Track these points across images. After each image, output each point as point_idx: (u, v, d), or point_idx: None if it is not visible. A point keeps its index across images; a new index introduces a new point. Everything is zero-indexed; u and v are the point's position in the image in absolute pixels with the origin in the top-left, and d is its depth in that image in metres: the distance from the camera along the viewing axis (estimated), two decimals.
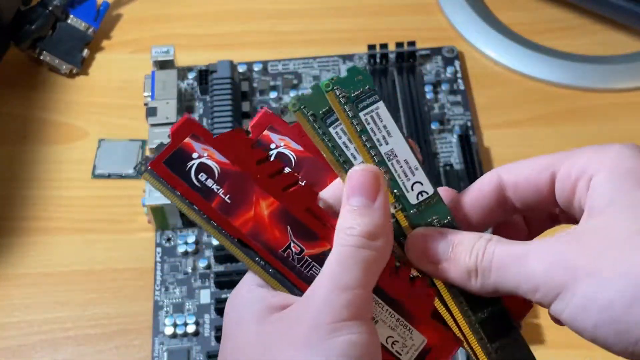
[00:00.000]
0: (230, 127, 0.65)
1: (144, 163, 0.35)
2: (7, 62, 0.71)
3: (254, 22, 0.76)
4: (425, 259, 0.35)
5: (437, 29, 0.75)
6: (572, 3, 0.75)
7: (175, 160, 0.35)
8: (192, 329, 0.57)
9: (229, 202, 0.35)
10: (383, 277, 0.34)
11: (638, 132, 0.67)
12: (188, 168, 0.35)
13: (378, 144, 0.35)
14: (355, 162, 0.35)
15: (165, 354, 0.57)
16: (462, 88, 0.70)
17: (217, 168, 0.35)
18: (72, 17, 0.71)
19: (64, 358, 0.57)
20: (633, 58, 0.72)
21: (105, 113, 0.70)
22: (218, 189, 0.35)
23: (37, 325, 0.59)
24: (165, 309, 0.59)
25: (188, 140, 0.36)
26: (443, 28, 0.75)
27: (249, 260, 0.35)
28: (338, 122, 0.35)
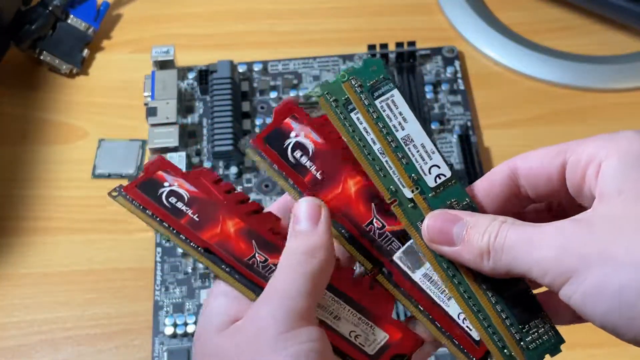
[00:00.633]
0: (231, 127, 0.65)
1: (118, 189, 0.38)
2: (7, 62, 0.71)
3: (254, 22, 0.76)
4: (440, 241, 0.35)
5: (437, 29, 0.75)
6: (572, 3, 0.75)
7: (147, 187, 0.38)
8: (192, 329, 0.57)
9: (197, 220, 0.37)
10: (345, 284, 0.37)
11: None
12: (159, 193, 0.38)
13: (394, 130, 0.36)
14: (375, 147, 0.36)
15: (165, 354, 0.57)
16: (462, 88, 0.70)
17: (186, 194, 0.38)
18: (72, 17, 0.71)
19: (64, 358, 0.57)
20: (633, 58, 0.72)
21: (105, 113, 0.70)
22: (187, 210, 0.38)
23: (37, 325, 0.59)
24: (165, 309, 0.59)
25: (160, 173, 0.38)
26: (443, 28, 0.75)
27: (216, 267, 0.37)
28: (357, 109, 0.37)
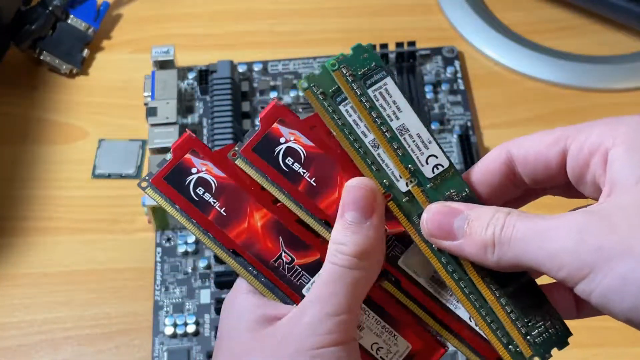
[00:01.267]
0: (231, 127, 0.65)
1: (147, 179, 0.37)
2: (7, 62, 0.71)
3: (254, 22, 0.76)
4: (441, 235, 0.34)
5: (437, 29, 0.75)
6: (572, 3, 0.75)
7: (175, 176, 0.37)
8: (192, 329, 0.57)
9: (225, 214, 0.37)
10: (371, 288, 0.35)
11: None
12: (187, 183, 0.37)
13: (389, 120, 0.35)
14: (366, 139, 0.35)
15: (165, 354, 0.57)
16: (462, 88, 0.70)
17: (214, 182, 0.37)
18: (72, 17, 0.71)
19: (64, 358, 0.57)
20: (633, 58, 0.72)
21: (105, 113, 0.70)
22: (215, 202, 0.37)
23: (37, 325, 0.59)
24: (165, 309, 0.59)
25: (188, 156, 0.37)
26: (443, 28, 0.75)
27: (243, 270, 0.36)
28: (348, 99, 0.35)
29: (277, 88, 0.70)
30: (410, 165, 0.35)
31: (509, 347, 0.34)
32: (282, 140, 0.37)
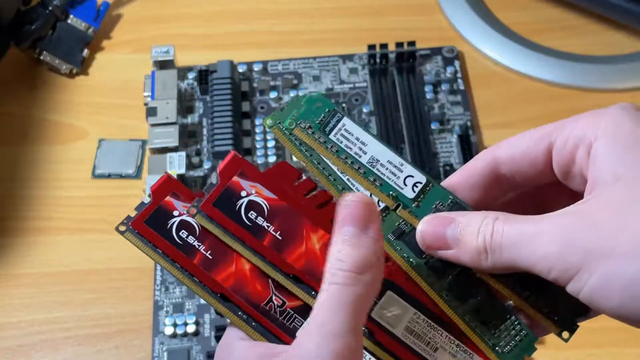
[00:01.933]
0: (230, 127, 0.65)
1: (126, 223, 0.36)
2: (7, 62, 0.71)
3: (254, 22, 0.76)
4: (437, 246, 0.34)
5: (437, 29, 0.75)
6: (572, 3, 0.75)
7: (157, 219, 0.36)
8: (192, 329, 0.57)
9: (211, 257, 0.35)
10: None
11: None
12: (169, 226, 0.36)
13: (357, 157, 0.36)
14: (345, 177, 0.36)
15: (165, 354, 0.57)
16: (462, 88, 0.70)
17: (197, 225, 0.36)
18: (72, 17, 0.71)
19: (64, 358, 0.57)
20: (633, 58, 0.72)
21: (105, 113, 0.70)
22: (199, 246, 0.36)
23: (37, 325, 0.59)
24: (165, 309, 0.59)
25: (169, 199, 0.36)
26: (443, 28, 0.75)
27: (232, 315, 0.35)
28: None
29: (277, 88, 0.70)
30: (391, 192, 0.36)
31: (496, 348, 0.35)
32: (243, 194, 0.35)
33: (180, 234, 0.36)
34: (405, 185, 0.36)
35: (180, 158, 0.63)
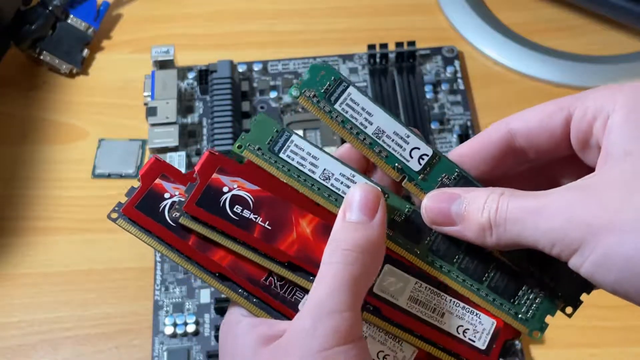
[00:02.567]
0: (230, 126, 0.65)
1: (117, 210, 0.36)
2: (7, 62, 0.71)
3: (254, 22, 0.76)
4: (442, 222, 0.34)
5: (437, 29, 0.75)
6: (572, 3, 0.75)
7: (148, 203, 0.35)
8: (192, 329, 0.57)
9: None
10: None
11: None
12: (161, 209, 0.35)
13: (363, 127, 0.36)
14: (315, 175, 0.35)
15: (165, 354, 0.57)
16: (462, 88, 0.70)
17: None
18: (72, 17, 0.71)
19: (64, 358, 0.57)
20: (633, 58, 0.72)
21: (105, 113, 0.70)
22: None
23: (37, 325, 0.59)
24: (165, 309, 0.59)
25: (158, 181, 0.36)
26: (443, 28, 0.75)
27: (232, 293, 0.35)
28: (286, 145, 0.36)
29: (277, 88, 0.70)
30: (397, 164, 0.36)
31: (519, 316, 0.35)
32: (225, 190, 0.35)
33: (173, 216, 0.35)
34: (412, 158, 0.36)
35: (180, 158, 0.63)
